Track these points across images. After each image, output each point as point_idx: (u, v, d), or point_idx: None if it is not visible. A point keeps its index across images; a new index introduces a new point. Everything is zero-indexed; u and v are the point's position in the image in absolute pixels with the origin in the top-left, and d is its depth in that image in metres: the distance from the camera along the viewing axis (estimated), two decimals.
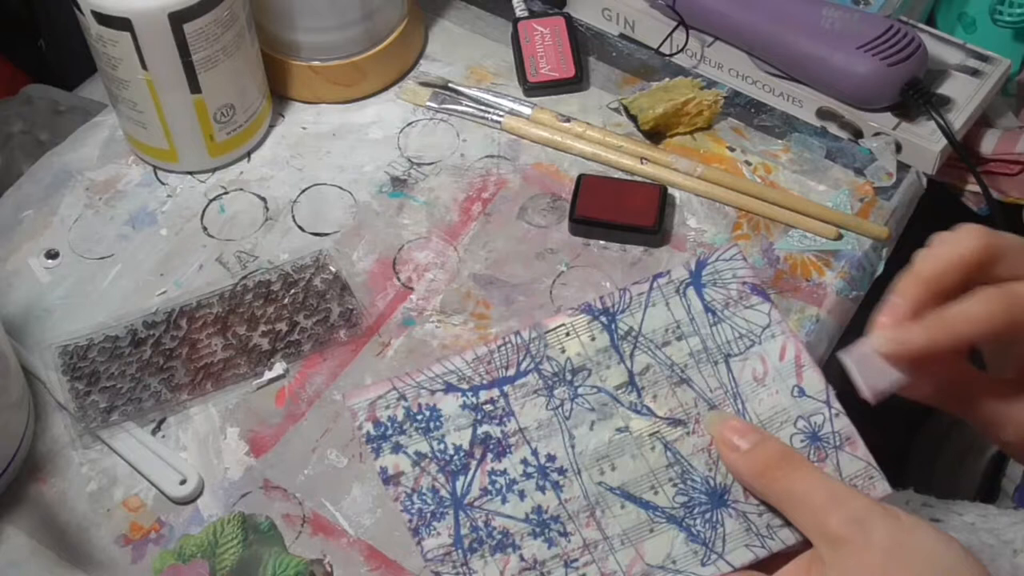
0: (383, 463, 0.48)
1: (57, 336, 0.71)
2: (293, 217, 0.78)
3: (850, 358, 0.49)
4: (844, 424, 0.49)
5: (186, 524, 0.65)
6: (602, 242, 0.76)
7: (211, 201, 0.79)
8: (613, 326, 0.50)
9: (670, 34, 0.86)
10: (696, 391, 0.50)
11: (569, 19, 0.87)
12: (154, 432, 0.68)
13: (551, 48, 0.85)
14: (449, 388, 0.49)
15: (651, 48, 0.87)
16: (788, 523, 0.47)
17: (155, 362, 0.70)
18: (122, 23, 0.70)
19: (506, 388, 0.49)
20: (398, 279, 0.75)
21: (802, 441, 0.49)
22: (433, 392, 0.49)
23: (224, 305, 0.72)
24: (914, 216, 0.81)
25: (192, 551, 0.64)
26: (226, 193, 0.79)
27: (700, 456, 0.48)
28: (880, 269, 0.77)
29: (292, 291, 0.73)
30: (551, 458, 0.48)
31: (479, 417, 0.49)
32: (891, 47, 0.79)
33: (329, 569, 0.63)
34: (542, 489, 0.48)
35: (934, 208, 0.83)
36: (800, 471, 0.46)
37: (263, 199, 0.79)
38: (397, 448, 0.48)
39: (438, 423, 0.48)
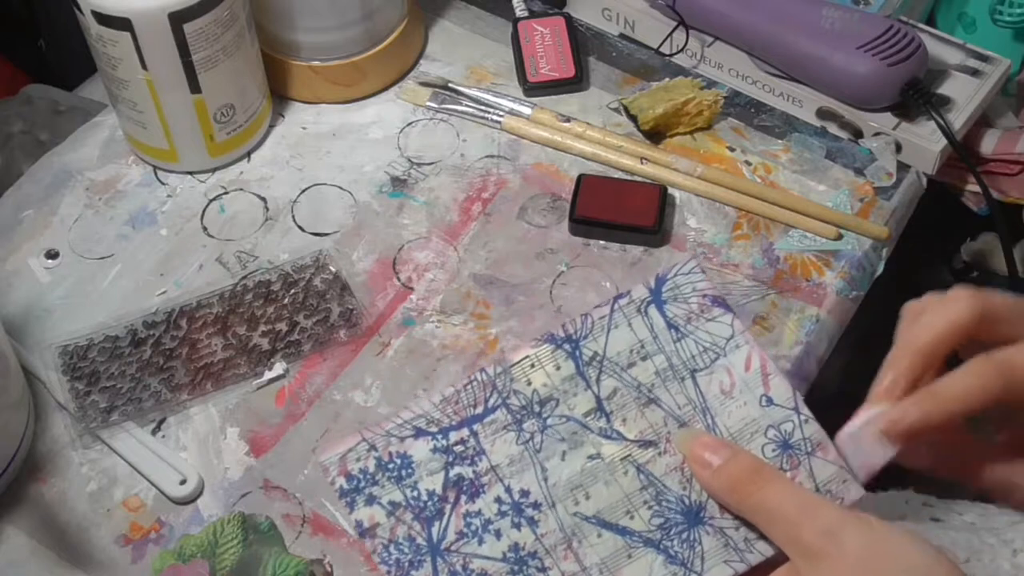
0: (358, 516, 0.48)
1: (57, 336, 0.71)
2: (293, 217, 0.78)
3: (841, 440, 0.49)
4: (814, 430, 0.49)
5: (186, 524, 0.65)
6: (602, 242, 0.76)
7: (211, 201, 0.79)
8: (577, 353, 0.50)
9: (670, 34, 0.86)
10: (665, 410, 0.49)
11: (569, 19, 0.87)
12: (154, 432, 0.68)
13: (551, 48, 0.85)
14: (419, 433, 0.49)
15: (651, 48, 0.87)
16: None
17: (155, 362, 0.70)
18: (122, 23, 0.70)
19: (475, 427, 0.49)
20: (398, 279, 0.75)
21: (774, 450, 0.49)
22: (403, 439, 0.49)
23: (224, 305, 0.72)
24: (914, 216, 0.81)
25: (192, 551, 0.63)
26: (226, 193, 0.79)
27: (673, 476, 0.48)
28: (880, 269, 0.77)
29: (292, 291, 0.73)
30: (525, 493, 0.48)
31: (450, 459, 0.48)
32: (891, 47, 0.79)
33: (329, 569, 0.63)
34: (517, 526, 0.47)
35: (934, 208, 0.83)
36: (771, 484, 0.46)
37: (263, 199, 0.79)
38: (371, 500, 0.48)
39: (410, 470, 0.48)
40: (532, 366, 0.50)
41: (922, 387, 0.48)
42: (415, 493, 0.48)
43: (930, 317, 0.48)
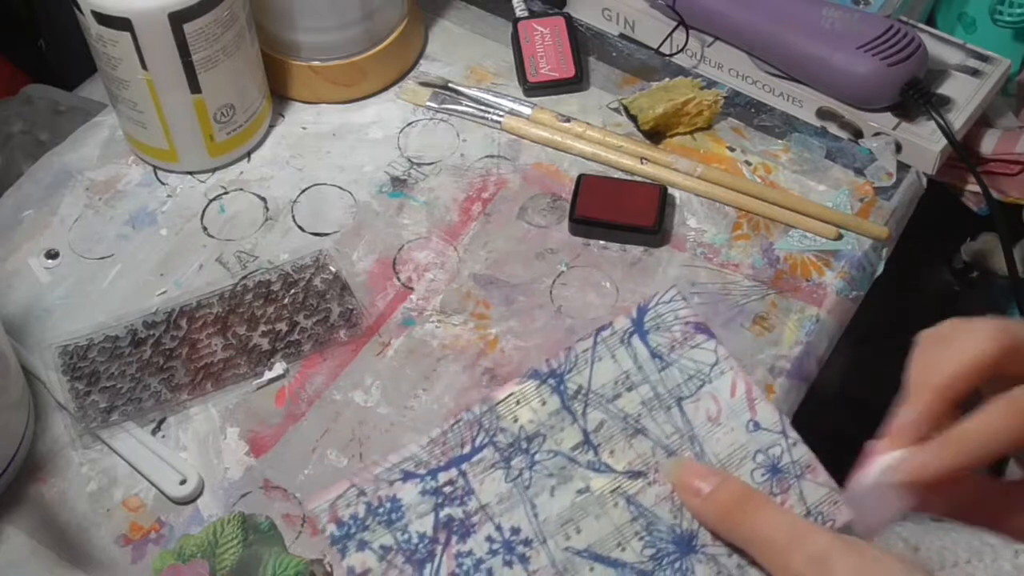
0: (350, 563, 0.47)
1: (57, 336, 0.71)
2: (293, 217, 0.78)
3: (855, 491, 0.47)
4: (802, 452, 0.49)
5: (186, 524, 0.65)
6: (602, 242, 0.76)
7: (211, 201, 0.79)
8: (562, 387, 0.50)
9: (670, 34, 0.86)
10: (652, 440, 0.49)
11: (569, 19, 0.87)
12: (154, 432, 0.68)
13: (551, 48, 0.85)
14: (407, 476, 0.48)
15: (651, 48, 0.87)
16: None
17: (155, 362, 0.70)
18: (122, 23, 0.70)
19: (464, 466, 0.49)
20: (398, 279, 0.75)
21: (763, 475, 0.48)
22: (392, 483, 0.48)
23: (224, 305, 0.72)
24: (914, 216, 0.81)
25: (192, 551, 0.63)
26: (226, 193, 0.79)
27: (663, 505, 0.48)
28: (880, 269, 0.77)
29: (292, 291, 0.73)
30: (515, 531, 0.47)
31: (440, 501, 0.48)
32: (891, 47, 0.79)
33: (329, 569, 0.63)
34: (509, 564, 0.47)
35: (934, 208, 0.83)
36: (761, 511, 0.45)
37: (263, 199, 0.79)
38: (362, 545, 0.47)
39: (400, 513, 0.48)
40: (518, 403, 0.50)
41: (942, 428, 0.45)
42: (406, 536, 0.48)
43: (952, 352, 0.45)
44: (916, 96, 0.79)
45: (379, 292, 0.74)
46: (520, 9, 0.88)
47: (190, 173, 0.80)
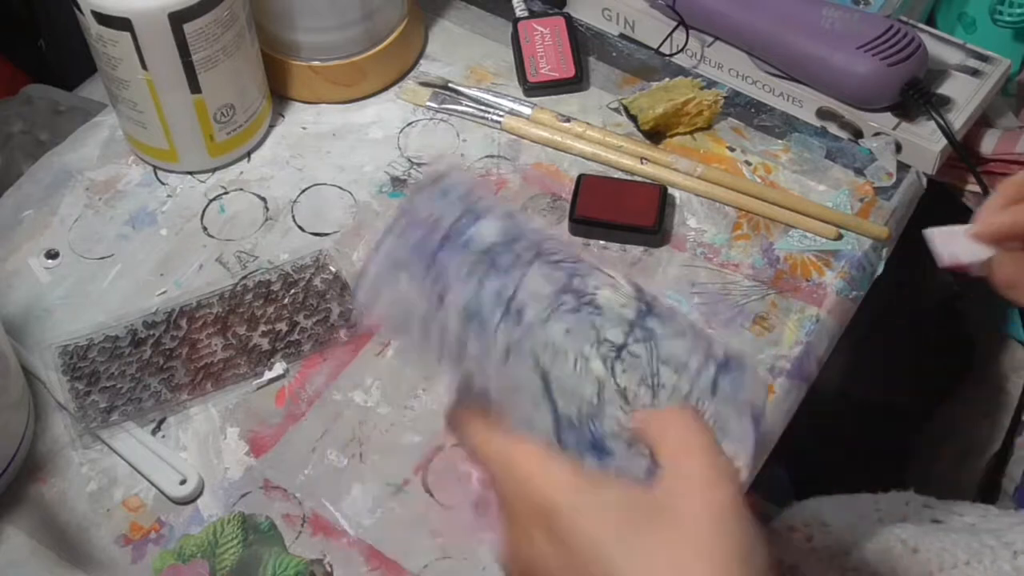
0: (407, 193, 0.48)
1: (57, 336, 0.71)
2: (293, 217, 0.78)
3: (934, 232, 0.55)
4: None
5: (186, 524, 0.65)
6: (602, 242, 0.76)
7: (211, 201, 0.79)
8: (641, 312, 0.51)
9: (670, 34, 0.86)
10: (654, 406, 0.50)
11: (569, 19, 0.87)
12: (154, 432, 0.68)
13: (551, 48, 0.85)
14: (486, 215, 0.50)
15: (651, 48, 0.87)
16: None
17: (155, 362, 0.70)
18: (122, 23, 0.70)
19: (536, 259, 0.50)
20: None
21: None
22: (479, 216, 0.49)
23: (224, 305, 0.72)
24: (914, 216, 0.81)
25: (192, 551, 0.64)
26: (226, 193, 0.79)
27: (615, 429, 0.49)
28: (880, 269, 0.77)
29: (292, 291, 0.73)
30: (519, 310, 0.49)
31: (498, 255, 0.49)
32: (891, 47, 0.79)
33: (329, 569, 0.63)
34: (492, 314, 0.48)
35: (934, 208, 0.83)
36: (518, 442, 0.48)
37: (263, 199, 0.79)
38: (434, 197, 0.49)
39: (474, 230, 0.49)
40: (611, 286, 0.51)
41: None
42: (461, 231, 0.49)
43: None
44: (916, 96, 0.79)
45: None
46: (520, 9, 0.88)
47: (190, 173, 0.80)
